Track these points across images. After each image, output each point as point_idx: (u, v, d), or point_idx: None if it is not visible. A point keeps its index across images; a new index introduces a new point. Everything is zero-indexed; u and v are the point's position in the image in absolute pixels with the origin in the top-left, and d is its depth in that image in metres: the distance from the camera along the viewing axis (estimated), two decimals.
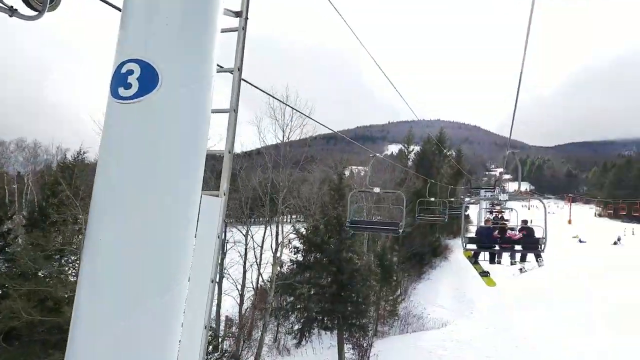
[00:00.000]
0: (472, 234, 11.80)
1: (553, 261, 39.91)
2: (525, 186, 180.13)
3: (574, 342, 22.62)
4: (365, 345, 22.44)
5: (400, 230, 11.10)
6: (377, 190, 11.00)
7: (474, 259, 11.79)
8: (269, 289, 19.33)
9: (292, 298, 22.42)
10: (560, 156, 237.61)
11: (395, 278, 31.56)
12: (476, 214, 36.02)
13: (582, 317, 26.17)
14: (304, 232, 22.03)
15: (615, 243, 52.72)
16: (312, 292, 21.36)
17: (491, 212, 26.93)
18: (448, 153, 63.69)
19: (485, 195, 31.84)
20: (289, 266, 22.08)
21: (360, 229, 12.16)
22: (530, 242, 10.25)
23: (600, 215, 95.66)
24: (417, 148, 60.73)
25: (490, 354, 22.88)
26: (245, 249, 22.28)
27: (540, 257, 10.56)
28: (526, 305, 30.19)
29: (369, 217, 31.42)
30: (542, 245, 9.77)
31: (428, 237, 44.59)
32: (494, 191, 27.74)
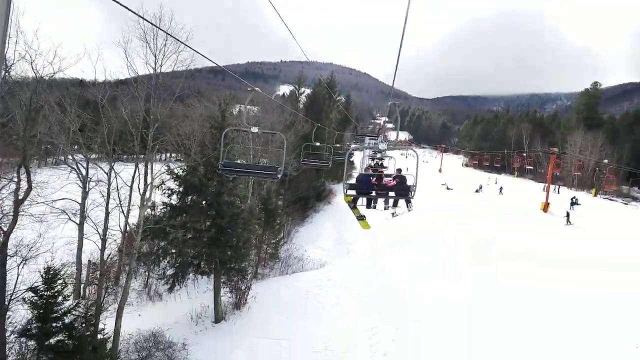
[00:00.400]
0: (354, 180, 12.25)
1: (423, 207, 43.02)
2: (405, 135, 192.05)
3: (439, 288, 24.13)
4: (243, 288, 22.23)
5: (279, 175, 9.76)
6: (254, 130, 9.26)
7: (352, 204, 12.32)
8: (136, 234, 17.70)
9: (164, 243, 21.15)
10: (438, 108, 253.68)
11: (279, 222, 31.55)
12: (360, 161, 36.95)
13: (449, 264, 28.17)
14: (181, 173, 20.44)
15: (477, 191, 58.14)
16: (189, 237, 20.27)
17: (373, 159, 27.69)
18: (338, 98, 64.00)
19: (369, 143, 32.62)
20: (161, 209, 20.53)
21: (233, 172, 10.64)
22: (402, 189, 10.88)
23: (466, 165, 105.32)
24: (308, 91, 60.17)
25: (362, 292, 24.03)
26: (108, 189, 20.05)
27: (410, 202, 11.19)
28: (398, 249, 32.12)
29: (256, 161, 30.36)
30: (412, 192, 10.44)
31: (313, 181, 45.26)
32: (377, 139, 28.40)
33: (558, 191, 58.23)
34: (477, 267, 27.46)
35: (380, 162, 25.31)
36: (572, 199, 48.41)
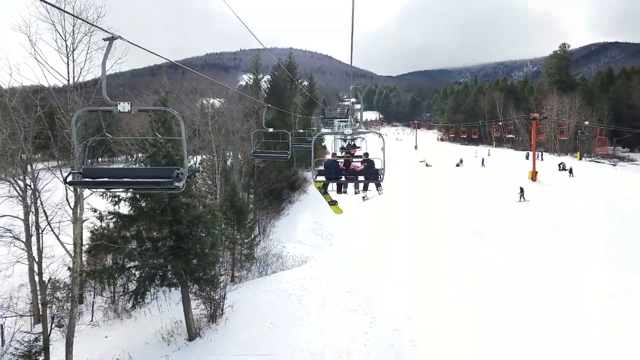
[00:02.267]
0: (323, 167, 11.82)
1: (403, 187, 41.13)
2: (375, 115, 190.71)
3: (429, 280, 22.28)
4: (217, 297, 19.59)
5: (180, 184, 5.82)
6: (124, 107, 5.30)
7: (323, 190, 12.57)
8: (75, 253, 14.79)
9: (120, 256, 18.33)
10: (404, 85, 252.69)
11: (250, 218, 28.82)
12: (331, 143, 34.90)
13: (438, 253, 26.15)
14: None
15: (457, 165, 55.57)
16: (147, 247, 17.52)
17: (344, 140, 26.03)
18: (300, 81, 61.22)
19: (339, 126, 30.79)
20: (110, 219, 17.58)
21: (93, 185, 6.04)
22: (370, 173, 10.86)
23: (442, 140, 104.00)
24: (268, 77, 57.45)
25: (350, 288, 21.79)
26: (35, 204, 16.89)
27: (380, 186, 11.27)
28: (383, 235, 30.05)
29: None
30: (382, 176, 10.46)
31: (285, 170, 42.44)
32: (347, 120, 26.89)
33: (542, 158, 56.65)
34: (472, 253, 25.58)
35: (352, 143, 23.84)
36: (560, 165, 47.00)
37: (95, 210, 17.47)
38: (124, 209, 17.88)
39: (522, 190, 34.90)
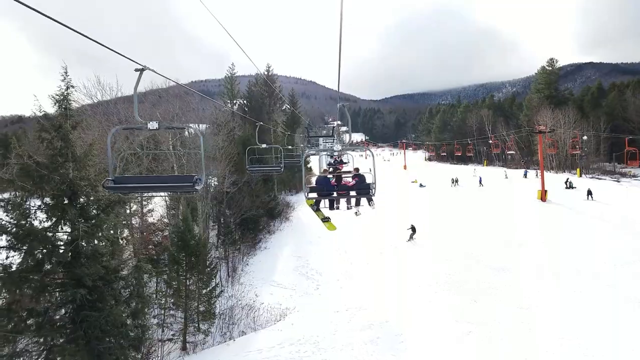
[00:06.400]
0: (314, 184, 11.13)
1: (399, 213, 35.56)
2: (360, 137, 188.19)
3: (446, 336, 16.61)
4: None
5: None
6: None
7: (315, 207, 12.17)
8: None
9: None
10: (388, 108, 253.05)
11: (212, 259, 22.36)
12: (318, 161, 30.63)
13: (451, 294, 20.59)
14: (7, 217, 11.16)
15: (452, 185, 50.89)
16: (29, 323, 11.14)
17: (331, 157, 23.27)
18: (281, 100, 56.22)
19: (324, 145, 27.56)
20: None
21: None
22: (362, 188, 10.63)
23: (430, 160, 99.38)
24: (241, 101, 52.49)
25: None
26: None
27: (372, 200, 10.86)
28: (382, 274, 24.09)
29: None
30: (373, 190, 10.17)
31: (262, 195, 36.06)
32: (333, 140, 25.71)
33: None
34: (499, 300, 19.74)
35: (339, 159, 23.71)
36: (566, 183, 42.47)
37: None
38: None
39: (413, 228, 29.41)
